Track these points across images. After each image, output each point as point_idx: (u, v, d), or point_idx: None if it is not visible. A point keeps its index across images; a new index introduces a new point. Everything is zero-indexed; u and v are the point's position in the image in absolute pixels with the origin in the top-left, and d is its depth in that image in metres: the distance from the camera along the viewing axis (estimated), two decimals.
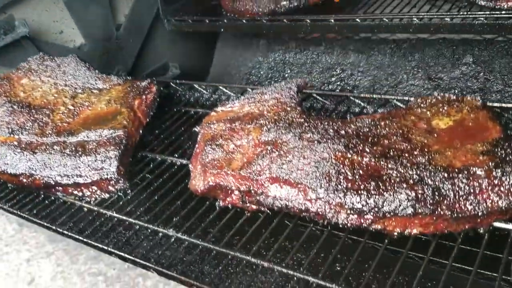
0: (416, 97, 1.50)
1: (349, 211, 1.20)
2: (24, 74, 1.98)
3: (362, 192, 1.20)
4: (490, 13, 1.71)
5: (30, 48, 2.17)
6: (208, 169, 1.39)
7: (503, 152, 1.20)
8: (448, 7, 1.96)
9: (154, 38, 2.68)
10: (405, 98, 1.66)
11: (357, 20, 1.97)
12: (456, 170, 1.18)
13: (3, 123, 1.74)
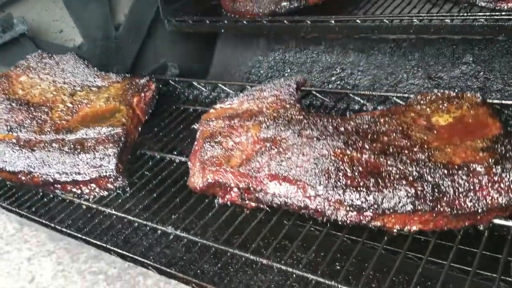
0: (416, 94, 1.49)
1: (348, 208, 1.20)
2: (23, 71, 1.97)
3: (362, 189, 1.19)
4: (490, 15, 1.70)
5: (28, 46, 2.16)
6: (207, 166, 1.39)
7: (503, 148, 1.19)
8: (448, 7, 1.94)
9: (154, 38, 2.67)
10: (404, 95, 1.65)
11: (358, 21, 1.96)
12: (456, 166, 1.18)
13: (2, 120, 1.74)
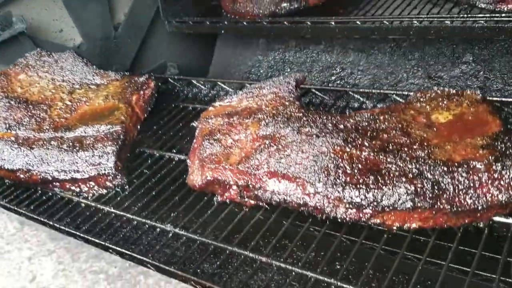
0: (416, 91, 1.49)
1: (347, 205, 1.19)
2: (22, 69, 1.97)
3: (361, 186, 1.19)
4: (490, 16, 1.69)
5: (27, 44, 2.16)
6: (206, 163, 1.38)
7: (503, 146, 1.19)
8: (449, 7, 1.93)
9: (153, 37, 2.67)
10: (404, 92, 1.65)
11: (358, 22, 1.96)
12: (456, 164, 1.17)
13: (0, 118, 1.74)
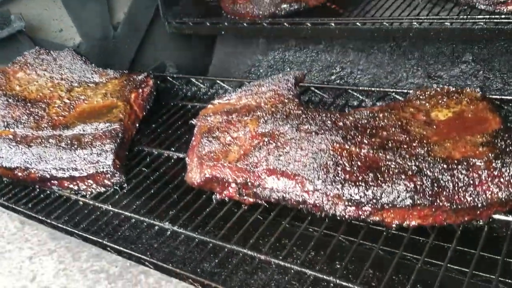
0: (415, 89, 1.48)
1: (347, 203, 1.19)
2: (20, 68, 1.96)
3: (360, 184, 1.18)
4: (489, 18, 1.69)
5: (26, 43, 2.15)
6: (205, 161, 1.38)
7: (502, 143, 1.18)
8: (449, 8, 1.93)
9: (152, 37, 2.66)
10: (403, 90, 1.65)
11: (357, 23, 1.96)
12: (456, 161, 1.17)
13: None
